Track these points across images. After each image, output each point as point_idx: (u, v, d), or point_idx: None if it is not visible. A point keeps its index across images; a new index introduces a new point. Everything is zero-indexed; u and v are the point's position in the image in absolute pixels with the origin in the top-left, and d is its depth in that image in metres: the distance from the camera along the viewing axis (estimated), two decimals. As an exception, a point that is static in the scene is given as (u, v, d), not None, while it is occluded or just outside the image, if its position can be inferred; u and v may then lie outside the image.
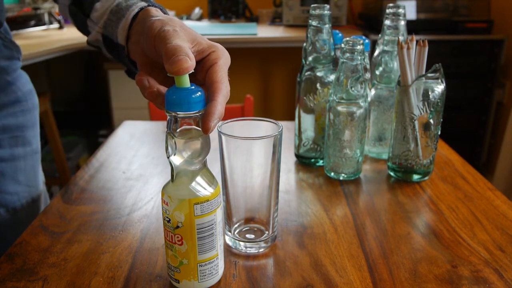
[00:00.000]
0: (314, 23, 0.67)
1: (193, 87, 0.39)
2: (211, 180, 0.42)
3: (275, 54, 2.56)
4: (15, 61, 0.68)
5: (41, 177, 0.75)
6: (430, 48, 0.63)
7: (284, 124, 0.57)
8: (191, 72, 0.38)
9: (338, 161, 0.67)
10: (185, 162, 0.40)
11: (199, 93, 0.38)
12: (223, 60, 0.42)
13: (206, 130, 0.39)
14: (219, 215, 0.43)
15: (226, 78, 0.41)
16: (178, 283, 0.44)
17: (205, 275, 0.44)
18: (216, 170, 0.45)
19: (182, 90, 0.38)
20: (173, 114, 0.38)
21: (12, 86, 0.67)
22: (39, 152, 0.75)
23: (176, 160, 0.40)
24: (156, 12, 0.48)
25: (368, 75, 0.75)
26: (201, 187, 0.41)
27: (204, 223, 0.41)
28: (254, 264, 0.49)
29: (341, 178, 0.69)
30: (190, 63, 0.37)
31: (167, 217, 0.42)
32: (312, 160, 0.74)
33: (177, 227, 0.41)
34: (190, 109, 0.38)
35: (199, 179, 0.41)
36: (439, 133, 0.66)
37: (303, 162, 0.75)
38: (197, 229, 0.41)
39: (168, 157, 0.40)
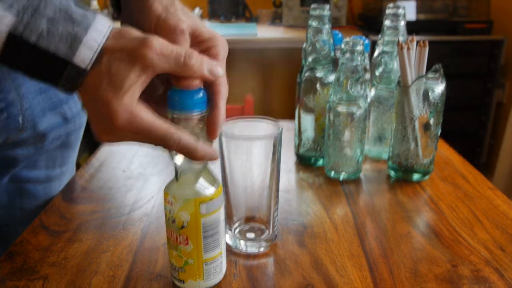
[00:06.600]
0: (314, 23, 0.67)
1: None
2: (213, 179, 0.42)
3: (275, 55, 2.55)
4: None
5: None
6: (429, 49, 0.64)
7: (284, 124, 0.57)
8: None
9: (338, 161, 0.67)
10: (188, 161, 0.40)
11: (202, 93, 0.38)
12: (223, 54, 0.41)
13: (213, 138, 0.39)
14: (222, 213, 0.43)
15: (224, 76, 0.41)
16: (183, 283, 0.44)
17: (210, 274, 0.44)
18: (216, 170, 0.45)
19: (184, 90, 0.38)
20: (176, 114, 0.38)
21: (64, 105, 0.62)
22: (74, 168, 0.72)
23: (180, 160, 0.40)
24: None
25: (368, 76, 0.75)
26: (206, 186, 0.41)
27: (210, 222, 0.41)
28: (255, 263, 0.49)
29: (341, 177, 0.69)
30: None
31: (171, 218, 0.41)
32: (312, 160, 0.74)
33: (183, 227, 0.41)
34: (193, 110, 0.38)
35: (202, 178, 0.42)
36: (439, 133, 0.66)
37: (303, 162, 0.75)
38: (203, 228, 0.41)
39: (171, 157, 0.41)
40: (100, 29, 0.35)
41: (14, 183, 0.63)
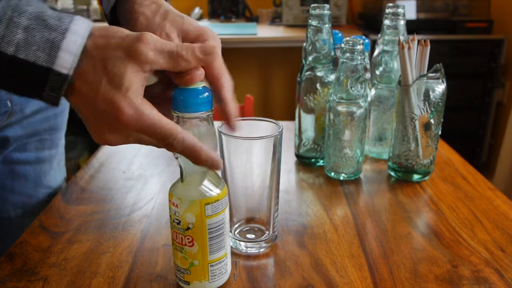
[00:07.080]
0: (314, 23, 0.67)
1: (200, 87, 0.38)
2: (218, 180, 0.42)
3: (275, 54, 2.55)
4: None
5: (63, 174, 0.74)
6: (430, 48, 0.63)
7: (284, 124, 0.57)
8: None
9: (338, 161, 0.67)
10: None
11: (207, 93, 0.38)
12: (217, 47, 0.41)
13: (236, 129, 0.42)
14: (227, 214, 0.43)
15: (225, 69, 0.40)
16: (188, 284, 0.44)
17: (215, 275, 0.44)
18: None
19: (189, 90, 0.38)
20: (181, 115, 0.38)
21: None
22: (64, 152, 0.73)
23: (184, 161, 0.40)
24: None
25: (368, 75, 0.75)
26: (211, 187, 0.41)
27: (215, 223, 0.41)
28: (255, 264, 0.49)
29: (341, 178, 0.69)
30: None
31: (176, 219, 0.41)
32: (312, 160, 0.74)
33: (188, 228, 0.41)
34: (198, 110, 0.38)
35: (207, 179, 0.41)
36: (440, 133, 0.66)
37: (304, 162, 0.75)
38: (208, 229, 0.41)
39: (176, 158, 0.40)
40: (79, 31, 0.34)
41: (5, 165, 0.64)
